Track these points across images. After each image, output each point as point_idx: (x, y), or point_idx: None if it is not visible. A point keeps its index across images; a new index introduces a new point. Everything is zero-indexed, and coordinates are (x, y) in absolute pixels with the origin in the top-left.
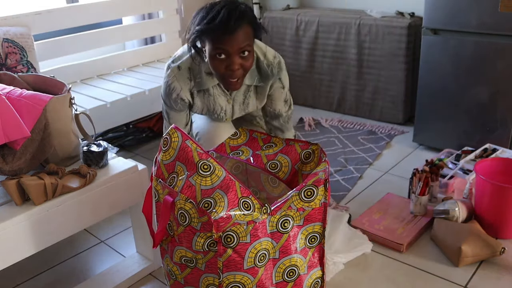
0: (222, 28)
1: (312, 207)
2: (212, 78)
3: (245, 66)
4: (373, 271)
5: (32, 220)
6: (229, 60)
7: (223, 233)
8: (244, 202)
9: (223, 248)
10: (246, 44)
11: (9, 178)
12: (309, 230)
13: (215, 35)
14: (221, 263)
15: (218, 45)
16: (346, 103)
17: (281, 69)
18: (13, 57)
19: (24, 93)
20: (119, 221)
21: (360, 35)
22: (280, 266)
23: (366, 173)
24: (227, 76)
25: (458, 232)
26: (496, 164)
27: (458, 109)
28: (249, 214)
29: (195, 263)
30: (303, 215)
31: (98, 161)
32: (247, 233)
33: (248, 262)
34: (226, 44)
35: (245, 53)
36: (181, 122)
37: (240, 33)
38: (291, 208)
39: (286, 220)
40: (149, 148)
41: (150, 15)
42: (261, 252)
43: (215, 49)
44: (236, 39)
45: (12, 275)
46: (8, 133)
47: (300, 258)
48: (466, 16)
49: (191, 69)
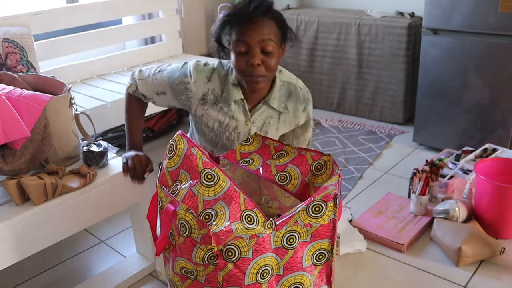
0: (243, 14)
1: (320, 223)
2: (238, 90)
3: (268, 64)
4: (373, 271)
5: (32, 220)
6: (250, 53)
7: (224, 246)
8: (248, 216)
9: (223, 262)
10: (269, 38)
11: (9, 178)
12: (317, 247)
13: (236, 24)
14: (221, 278)
15: (239, 37)
16: (346, 103)
17: (310, 100)
18: (13, 57)
19: (24, 93)
20: (119, 221)
21: (360, 35)
22: (284, 283)
23: (366, 173)
24: (248, 73)
25: (458, 232)
26: (496, 164)
27: (458, 109)
28: (251, 228)
29: (196, 275)
30: (310, 231)
31: (98, 161)
32: (249, 248)
33: (249, 277)
34: (246, 34)
35: (267, 49)
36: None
37: (263, 23)
38: (298, 223)
39: (292, 236)
40: (149, 148)
41: (150, 15)
42: (264, 268)
43: (236, 42)
44: (257, 29)
45: (12, 275)
46: (8, 133)
47: (306, 275)
48: (466, 16)
49: (215, 71)
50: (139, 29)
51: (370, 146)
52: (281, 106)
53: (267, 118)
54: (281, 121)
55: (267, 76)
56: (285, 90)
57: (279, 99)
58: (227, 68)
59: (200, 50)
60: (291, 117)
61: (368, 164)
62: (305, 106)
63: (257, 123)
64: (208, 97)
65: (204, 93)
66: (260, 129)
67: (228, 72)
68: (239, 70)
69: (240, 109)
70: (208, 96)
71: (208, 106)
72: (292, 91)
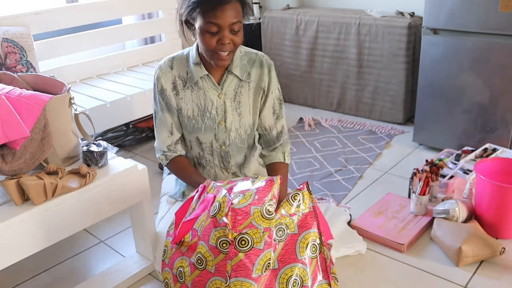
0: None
1: (302, 212)
2: (200, 68)
3: (235, 41)
4: (373, 271)
5: (32, 220)
6: (221, 34)
7: (239, 234)
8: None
9: (234, 251)
10: (237, 20)
11: (9, 178)
12: (308, 238)
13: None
14: (230, 267)
15: (210, 19)
16: (346, 103)
17: (272, 66)
18: (12, 57)
19: (23, 93)
20: (119, 221)
21: (360, 35)
22: (282, 276)
23: (366, 173)
24: (218, 49)
25: (458, 232)
26: (496, 164)
27: (458, 109)
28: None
29: (205, 264)
30: (296, 222)
31: (98, 161)
32: (262, 240)
33: (257, 269)
34: (218, 18)
35: (235, 29)
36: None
37: (232, 7)
38: (283, 215)
39: (280, 228)
40: (149, 148)
41: (150, 15)
42: (267, 262)
43: (207, 23)
44: (228, 13)
45: (12, 275)
46: (7, 133)
47: (303, 268)
48: (466, 16)
49: (174, 59)
50: (139, 29)
51: (370, 146)
52: (244, 75)
53: (237, 88)
54: (251, 88)
55: (233, 51)
56: (247, 60)
57: (241, 68)
58: (186, 53)
59: None
60: (257, 82)
61: (368, 164)
62: (268, 69)
63: (229, 95)
64: (177, 84)
65: (173, 81)
66: (234, 99)
67: (187, 56)
68: (209, 48)
69: (209, 84)
70: (177, 83)
71: (181, 93)
72: (254, 59)
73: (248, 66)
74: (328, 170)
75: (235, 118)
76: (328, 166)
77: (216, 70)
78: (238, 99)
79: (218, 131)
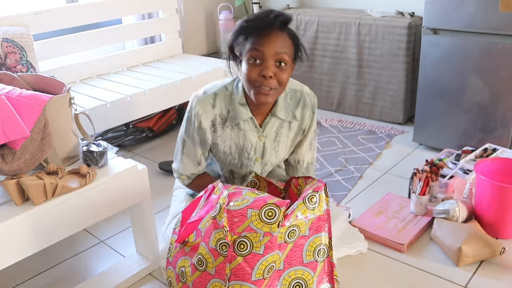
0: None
1: (316, 214)
2: (246, 110)
3: (280, 78)
4: (373, 271)
5: (32, 220)
6: (264, 65)
7: (238, 237)
8: (270, 210)
9: (233, 254)
10: (284, 51)
11: (9, 178)
12: (317, 242)
13: (253, 33)
14: (229, 270)
15: (254, 46)
16: (346, 103)
17: (315, 107)
18: (12, 57)
19: (23, 93)
20: (119, 221)
21: (360, 35)
22: (285, 278)
23: (366, 173)
24: (259, 83)
25: (458, 232)
26: (496, 164)
27: (458, 109)
28: (268, 224)
29: (205, 266)
30: (308, 224)
31: (98, 161)
32: (261, 244)
33: (257, 273)
34: (263, 45)
35: (281, 63)
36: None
37: (279, 36)
38: (298, 217)
39: (293, 230)
40: (149, 148)
41: (150, 15)
42: (271, 264)
43: (250, 51)
44: (274, 42)
45: (12, 275)
46: (8, 133)
47: (308, 271)
48: (466, 16)
49: (217, 96)
50: (139, 29)
51: (370, 146)
52: (289, 115)
53: (278, 129)
54: (292, 128)
55: (278, 90)
56: (292, 99)
57: (286, 108)
58: (230, 89)
59: (199, 50)
60: (299, 123)
61: (368, 164)
62: (312, 110)
63: (269, 136)
64: (217, 122)
65: (212, 120)
66: (274, 140)
67: (232, 92)
68: (250, 80)
69: (251, 126)
70: (217, 122)
71: (220, 131)
72: (299, 98)
73: (292, 105)
74: (328, 170)
75: (273, 155)
76: (328, 166)
77: (260, 111)
78: (278, 139)
79: (253, 166)
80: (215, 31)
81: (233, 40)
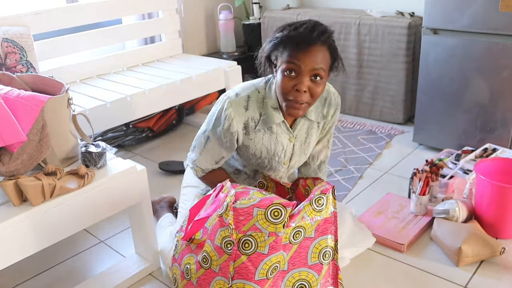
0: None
1: (322, 216)
2: (278, 114)
3: (314, 92)
4: (373, 270)
5: (30, 220)
6: (299, 79)
7: (243, 235)
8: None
9: (237, 253)
10: (321, 67)
11: (7, 179)
12: (322, 244)
13: (292, 46)
14: (233, 269)
15: (291, 59)
16: (346, 103)
17: (339, 106)
18: (12, 57)
19: (22, 94)
20: (119, 221)
21: (360, 34)
22: (289, 279)
23: (366, 173)
24: (292, 96)
25: (458, 232)
26: (496, 164)
27: (458, 109)
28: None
29: (210, 264)
30: (314, 226)
31: (97, 162)
32: (266, 244)
33: (260, 273)
34: (301, 59)
35: (317, 78)
36: (214, 156)
37: (318, 52)
38: (304, 218)
39: (299, 231)
40: (149, 148)
41: (150, 15)
42: (275, 265)
43: (287, 63)
44: (312, 57)
45: (12, 275)
46: (4, 137)
47: (312, 273)
48: (466, 16)
49: (250, 98)
50: (139, 29)
51: (370, 146)
52: (319, 116)
53: (309, 130)
54: (320, 127)
55: (310, 103)
56: (319, 99)
57: (316, 110)
58: (263, 92)
59: (199, 50)
60: (324, 121)
61: (368, 164)
62: (335, 109)
63: (299, 138)
64: (250, 125)
65: (245, 123)
66: (304, 142)
67: (265, 96)
68: (284, 92)
69: (283, 129)
70: (250, 125)
71: (252, 134)
72: (325, 97)
73: (319, 105)
74: (328, 170)
75: (301, 157)
76: (328, 166)
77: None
78: (308, 140)
79: (280, 169)
80: (215, 31)
81: (271, 49)
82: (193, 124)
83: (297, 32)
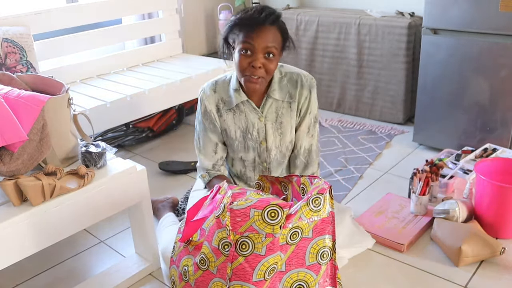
0: (253, 20)
1: (320, 217)
2: (239, 95)
3: (268, 68)
4: (373, 270)
5: (30, 220)
6: (254, 56)
7: (240, 237)
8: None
9: (235, 254)
10: (273, 45)
11: (7, 179)
12: (320, 245)
13: (246, 28)
14: (230, 270)
15: (246, 39)
16: (346, 103)
17: (313, 87)
18: (12, 57)
19: (22, 93)
20: (119, 221)
21: (360, 34)
22: (287, 280)
23: (366, 173)
24: (249, 72)
25: (458, 232)
26: (496, 164)
27: (458, 109)
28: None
29: (208, 265)
30: (311, 226)
31: (97, 162)
32: (263, 245)
33: (258, 274)
34: (254, 39)
35: (270, 55)
36: (209, 146)
37: (269, 32)
38: (301, 219)
39: (296, 232)
40: (149, 148)
41: (150, 15)
42: (273, 266)
43: (243, 43)
44: (264, 37)
45: (12, 275)
46: (5, 137)
47: (310, 274)
48: (466, 16)
49: (217, 82)
50: (139, 29)
51: (370, 146)
52: (286, 96)
53: (278, 110)
54: (293, 109)
55: (265, 78)
56: (288, 80)
57: (281, 90)
58: (228, 78)
59: (199, 50)
60: (298, 102)
61: (368, 164)
62: (309, 90)
63: (270, 117)
64: (221, 106)
65: (216, 104)
66: (275, 121)
67: (229, 80)
68: (241, 69)
69: (250, 108)
70: (220, 105)
71: (224, 116)
72: (296, 79)
73: (289, 86)
74: (328, 170)
75: (276, 138)
76: (328, 166)
77: (256, 94)
78: (279, 120)
79: (260, 150)
80: (215, 31)
81: (228, 31)
82: (193, 124)
83: (248, 14)
